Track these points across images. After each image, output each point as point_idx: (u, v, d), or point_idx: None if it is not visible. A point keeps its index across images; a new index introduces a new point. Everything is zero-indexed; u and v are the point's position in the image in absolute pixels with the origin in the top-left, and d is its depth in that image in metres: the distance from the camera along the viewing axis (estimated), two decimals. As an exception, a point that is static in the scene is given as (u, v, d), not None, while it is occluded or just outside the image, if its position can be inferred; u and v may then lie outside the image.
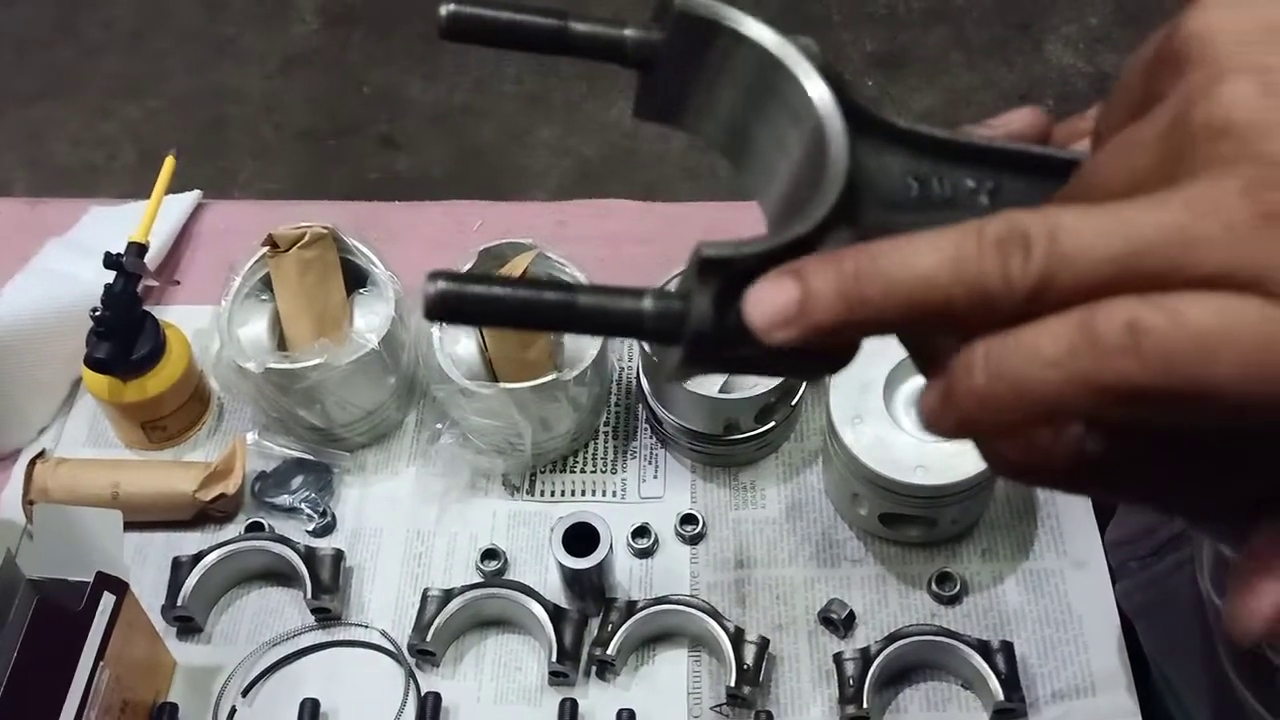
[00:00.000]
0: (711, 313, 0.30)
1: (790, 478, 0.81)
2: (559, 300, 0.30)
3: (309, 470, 0.82)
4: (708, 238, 0.34)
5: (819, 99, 0.34)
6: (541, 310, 0.30)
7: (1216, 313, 0.24)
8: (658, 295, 0.30)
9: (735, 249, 0.30)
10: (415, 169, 2.09)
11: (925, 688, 0.72)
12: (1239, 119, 0.26)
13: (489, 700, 0.73)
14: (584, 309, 0.30)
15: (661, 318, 0.30)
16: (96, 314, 0.77)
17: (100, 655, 0.64)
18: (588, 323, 0.30)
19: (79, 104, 2.23)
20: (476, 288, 0.29)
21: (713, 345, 0.30)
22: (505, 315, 0.30)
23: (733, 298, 0.30)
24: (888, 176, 0.35)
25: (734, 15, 0.35)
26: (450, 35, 0.34)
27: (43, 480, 0.78)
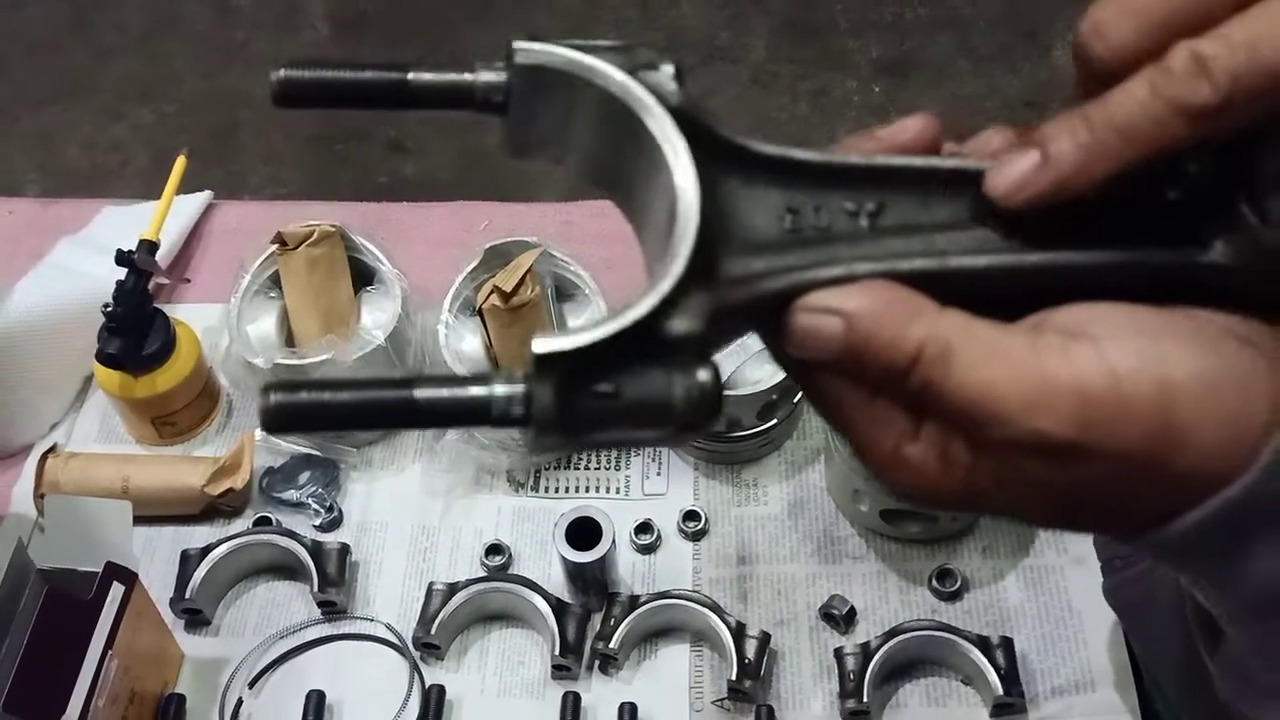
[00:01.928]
0: (553, 404, 0.30)
1: (792, 475, 0.82)
2: (396, 398, 0.30)
3: (316, 466, 0.82)
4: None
5: (669, 153, 0.33)
6: (382, 410, 0.30)
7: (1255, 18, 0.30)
8: (504, 380, 0.30)
9: (571, 341, 0.30)
10: (422, 173, 2.10)
11: (925, 683, 0.73)
12: None
13: (492, 693, 0.74)
14: (424, 404, 0.30)
15: (508, 404, 0.30)
16: (108, 310, 0.78)
17: (109, 644, 0.65)
18: (431, 416, 0.30)
19: (90, 107, 2.25)
20: (310, 395, 0.30)
21: (562, 430, 0.31)
22: (345, 419, 0.30)
23: (575, 385, 0.30)
24: (756, 213, 0.34)
25: (576, 60, 0.34)
26: (284, 102, 0.33)
27: (54, 474, 0.79)
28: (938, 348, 0.32)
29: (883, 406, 0.33)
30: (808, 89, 2.18)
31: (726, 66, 2.20)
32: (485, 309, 0.77)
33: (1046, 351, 0.31)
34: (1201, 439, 0.31)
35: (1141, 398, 0.31)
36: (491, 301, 0.76)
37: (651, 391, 0.31)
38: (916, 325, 0.32)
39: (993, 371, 0.31)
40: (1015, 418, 0.31)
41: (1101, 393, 0.31)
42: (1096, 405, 0.31)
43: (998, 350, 0.32)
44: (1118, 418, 0.31)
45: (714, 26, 2.26)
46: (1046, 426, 0.31)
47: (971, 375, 0.31)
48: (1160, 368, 0.31)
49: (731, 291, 0.33)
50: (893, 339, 0.32)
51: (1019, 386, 0.31)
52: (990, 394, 0.31)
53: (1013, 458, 0.32)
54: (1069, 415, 0.31)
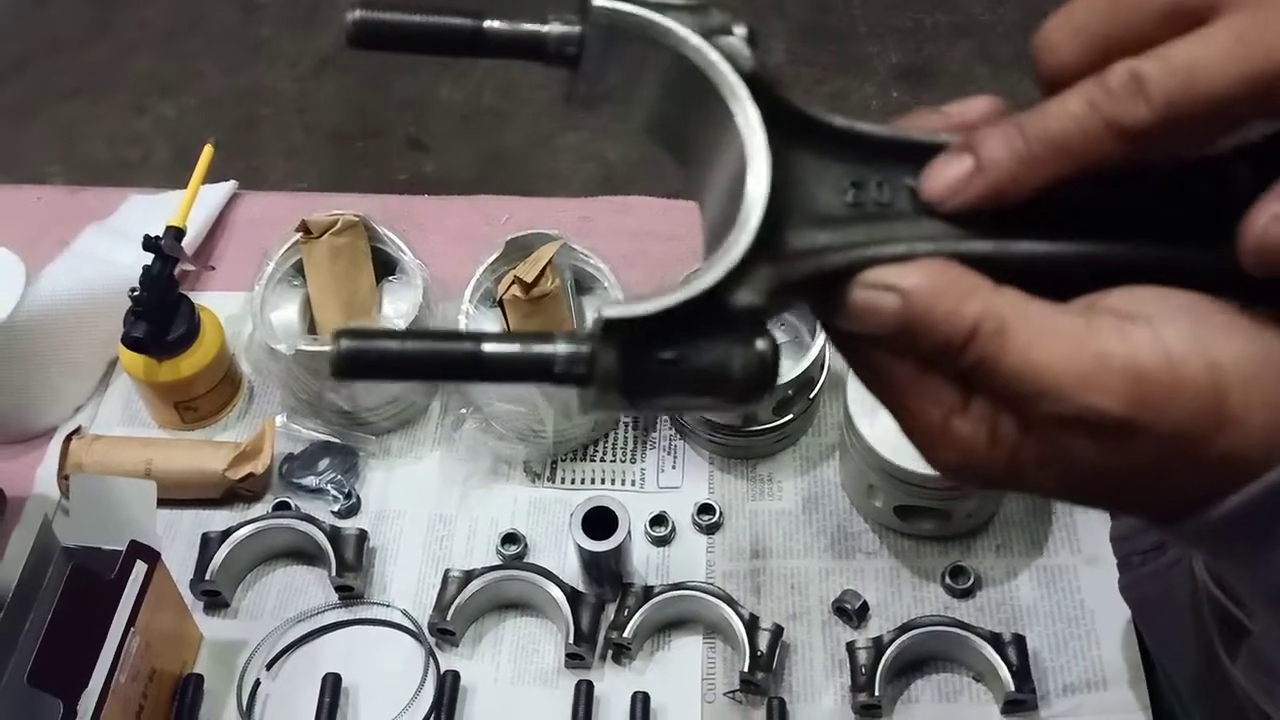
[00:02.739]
0: (617, 367, 0.31)
1: (807, 470, 0.83)
2: (466, 351, 0.30)
3: (335, 453, 0.83)
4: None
5: (742, 121, 0.33)
6: (449, 361, 0.30)
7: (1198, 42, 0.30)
8: (568, 340, 0.31)
9: (640, 309, 0.31)
10: (442, 170, 2.11)
11: (937, 679, 0.73)
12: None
13: (506, 680, 0.75)
14: (491, 358, 0.30)
15: (571, 363, 0.31)
16: (134, 294, 0.79)
17: (131, 622, 0.66)
18: (497, 371, 0.31)
19: (113, 102, 2.27)
20: (381, 343, 0.30)
21: (623, 392, 0.31)
22: (413, 368, 0.30)
23: (638, 350, 0.31)
24: (821, 186, 0.34)
25: (654, 21, 0.34)
26: (358, 43, 0.33)
27: (78, 456, 0.80)
28: (994, 324, 0.32)
29: (933, 381, 0.34)
30: (826, 92, 2.18)
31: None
32: (506, 300, 0.78)
33: (1101, 331, 0.32)
34: (1248, 422, 0.32)
35: (1194, 379, 0.31)
36: (512, 292, 0.77)
37: (712, 360, 0.31)
38: (972, 302, 0.32)
39: (1048, 348, 0.32)
40: (1069, 393, 0.31)
41: (1156, 372, 0.31)
42: (1150, 384, 0.31)
43: (1053, 328, 0.32)
44: (1170, 397, 0.31)
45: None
46: (1100, 402, 0.31)
47: (1026, 352, 0.32)
48: (1213, 350, 0.32)
49: (794, 265, 0.33)
50: (949, 314, 0.32)
51: (1074, 363, 0.31)
52: (1045, 370, 0.32)
53: (1062, 435, 0.32)
54: (1123, 392, 0.31)
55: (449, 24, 0.33)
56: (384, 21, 0.33)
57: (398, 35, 0.33)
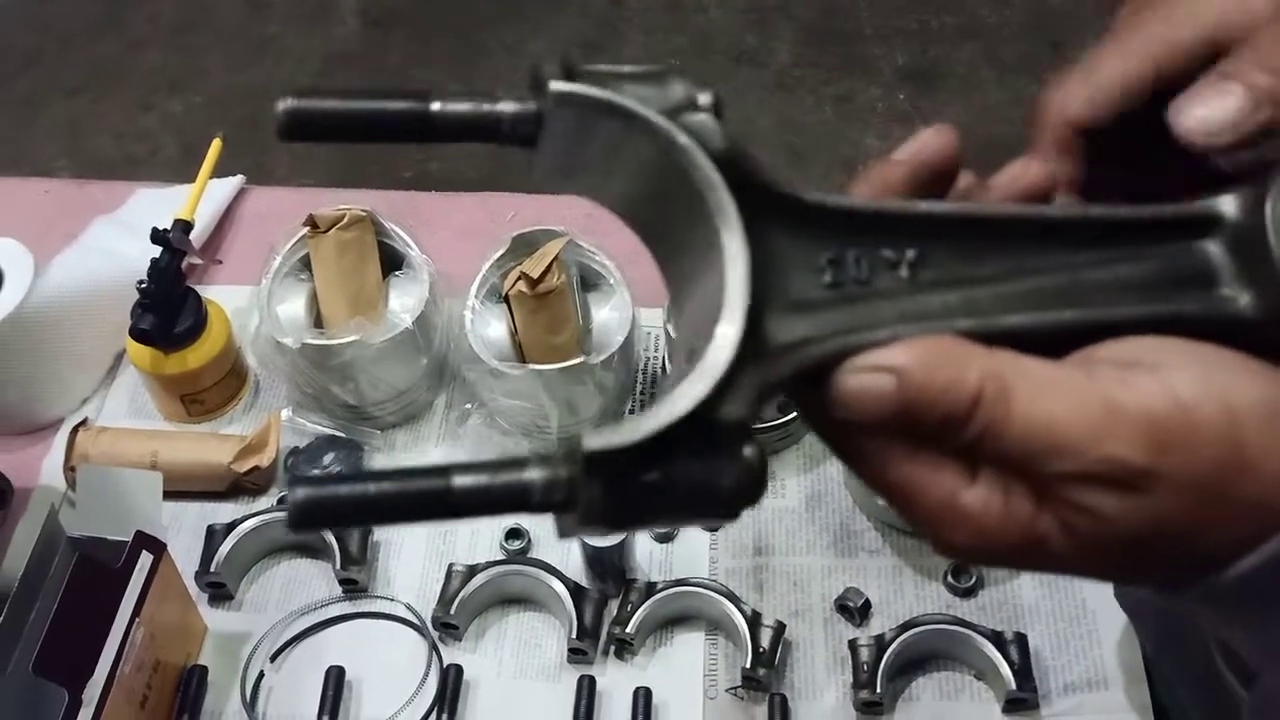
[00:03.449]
0: (601, 497, 0.29)
1: (810, 468, 0.83)
2: (433, 488, 0.28)
3: (340, 447, 0.84)
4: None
5: (721, 224, 0.31)
6: (417, 502, 0.28)
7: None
8: (542, 466, 0.29)
9: (623, 438, 0.29)
10: (448, 170, 2.12)
11: (939, 677, 0.73)
12: None
13: (509, 675, 0.75)
14: (461, 493, 0.28)
15: (549, 491, 0.29)
16: (142, 286, 0.79)
17: (136, 612, 0.66)
18: (469, 506, 0.28)
19: (121, 97, 2.28)
20: (340, 489, 0.27)
21: (608, 522, 0.30)
22: (378, 514, 0.28)
23: (622, 477, 0.29)
24: (798, 268, 0.33)
25: (611, 100, 0.32)
26: (290, 135, 0.30)
27: (84, 447, 0.81)
28: (996, 386, 0.31)
29: (933, 459, 0.32)
30: (832, 94, 2.18)
31: (752, 70, 2.21)
32: (512, 295, 0.78)
33: (1106, 382, 0.31)
34: (1268, 466, 0.31)
35: (1210, 424, 0.31)
36: (518, 288, 0.77)
37: (700, 479, 0.30)
38: (971, 368, 0.31)
39: (1054, 404, 0.31)
40: (1084, 447, 0.30)
41: (1169, 418, 0.30)
42: (1166, 430, 0.30)
43: (1055, 383, 0.31)
44: (1188, 443, 0.30)
45: (740, 31, 2.27)
46: (1118, 452, 0.30)
47: (1033, 409, 0.31)
48: (1225, 394, 0.31)
49: (777, 363, 0.32)
50: (950, 385, 0.31)
51: (1084, 416, 0.30)
52: (1055, 426, 0.30)
53: (1081, 494, 0.31)
54: (1140, 440, 0.30)
55: (392, 109, 0.31)
56: (319, 110, 0.30)
57: (335, 124, 0.31)
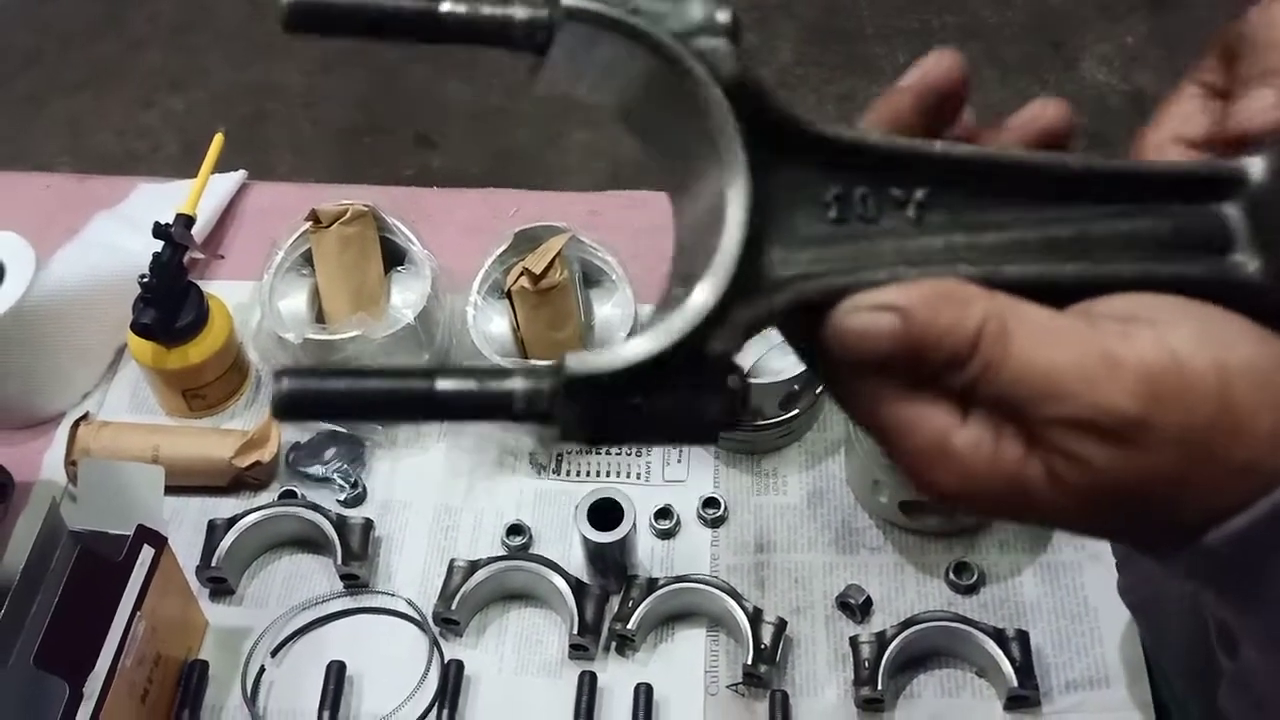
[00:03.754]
0: (582, 413, 0.29)
1: (812, 465, 0.83)
2: (418, 390, 0.28)
3: (342, 442, 0.84)
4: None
5: (725, 149, 0.31)
6: (400, 400, 0.28)
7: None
8: (526, 377, 0.29)
9: (606, 363, 0.29)
10: (449, 167, 2.12)
11: (940, 674, 0.73)
12: None
13: (510, 671, 0.75)
14: (444, 396, 0.28)
15: (530, 401, 0.29)
16: (144, 280, 0.79)
17: (138, 605, 0.66)
18: (452, 409, 0.29)
19: (122, 95, 2.27)
20: (326, 383, 0.28)
21: (587, 439, 0.30)
22: (361, 408, 0.28)
23: (604, 398, 0.29)
24: (803, 201, 0.33)
25: (624, 20, 0.31)
26: (292, 26, 0.30)
27: (85, 442, 0.81)
28: (996, 326, 0.31)
29: (926, 400, 0.33)
30: (834, 92, 2.18)
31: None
32: (514, 291, 0.78)
33: (1106, 334, 0.31)
34: (1257, 426, 0.31)
35: (1203, 381, 0.31)
36: (521, 284, 0.77)
37: (682, 406, 0.30)
38: (973, 309, 0.31)
39: (1053, 350, 0.31)
40: (1079, 393, 0.31)
41: (1164, 372, 0.31)
42: (1161, 384, 0.31)
43: (1055, 330, 0.31)
44: (1182, 398, 0.31)
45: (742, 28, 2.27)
46: (1112, 401, 0.30)
47: (1031, 353, 0.31)
48: (1220, 353, 0.31)
49: (771, 297, 0.31)
50: (952, 325, 0.31)
51: (1081, 363, 0.31)
52: (1052, 371, 0.31)
53: (1071, 441, 0.31)
54: (1135, 391, 0.30)
55: (399, 4, 0.30)
56: (326, 1, 0.30)
57: (336, 17, 0.30)
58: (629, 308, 0.81)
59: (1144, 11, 2.30)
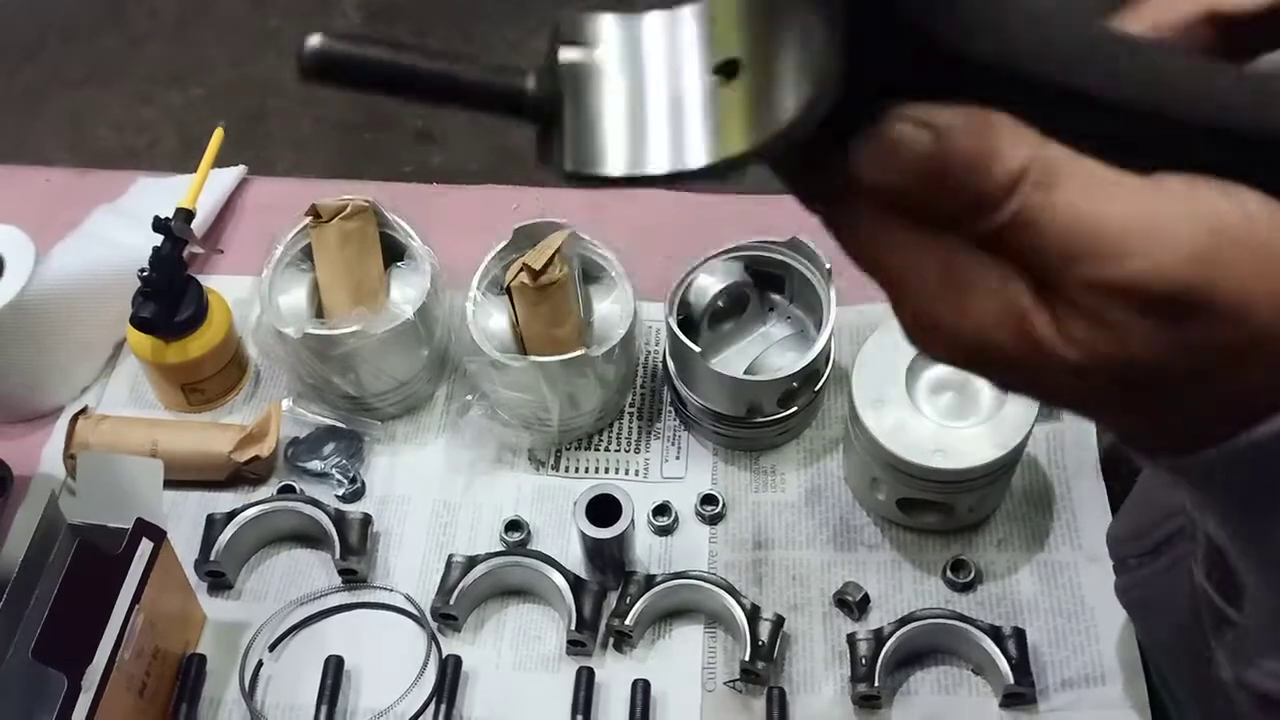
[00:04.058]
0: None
1: (810, 463, 0.83)
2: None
3: (341, 438, 0.84)
4: (738, 228, 0.32)
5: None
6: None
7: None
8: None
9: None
10: (450, 164, 2.12)
11: (937, 671, 0.73)
12: None
13: (508, 666, 0.75)
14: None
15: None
16: (144, 274, 0.79)
17: (136, 599, 0.66)
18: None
19: (121, 90, 2.27)
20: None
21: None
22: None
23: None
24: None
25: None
26: (313, 76, 0.30)
27: (84, 436, 0.81)
28: (1042, 172, 0.27)
29: (944, 244, 0.29)
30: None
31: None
32: (514, 287, 0.78)
33: (1169, 187, 0.27)
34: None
35: (1273, 237, 0.27)
36: (520, 279, 0.77)
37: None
38: (1019, 147, 0.27)
39: (1106, 201, 0.27)
40: (1132, 249, 0.26)
41: (1234, 229, 0.27)
42: (1228, 242, 0.26)
43: (1111, 182, 0.27)
44: (1251, 262, 0.27)
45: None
46: (1163, 264, 0.26)
47: (1081, 203, 0.27)
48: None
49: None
50: (991, 156, 0.27)
51: (1139, 218, 0.27)
52: (1102, 224, 0.27)
53: (1114, 311, 0.27)
54: (1197, 249, 0.26)
55: (417, 67, 0.30)
56: (346, 55, 0.30)
57: (358, 71, 0.30)
58: (628, 304, 0.81)
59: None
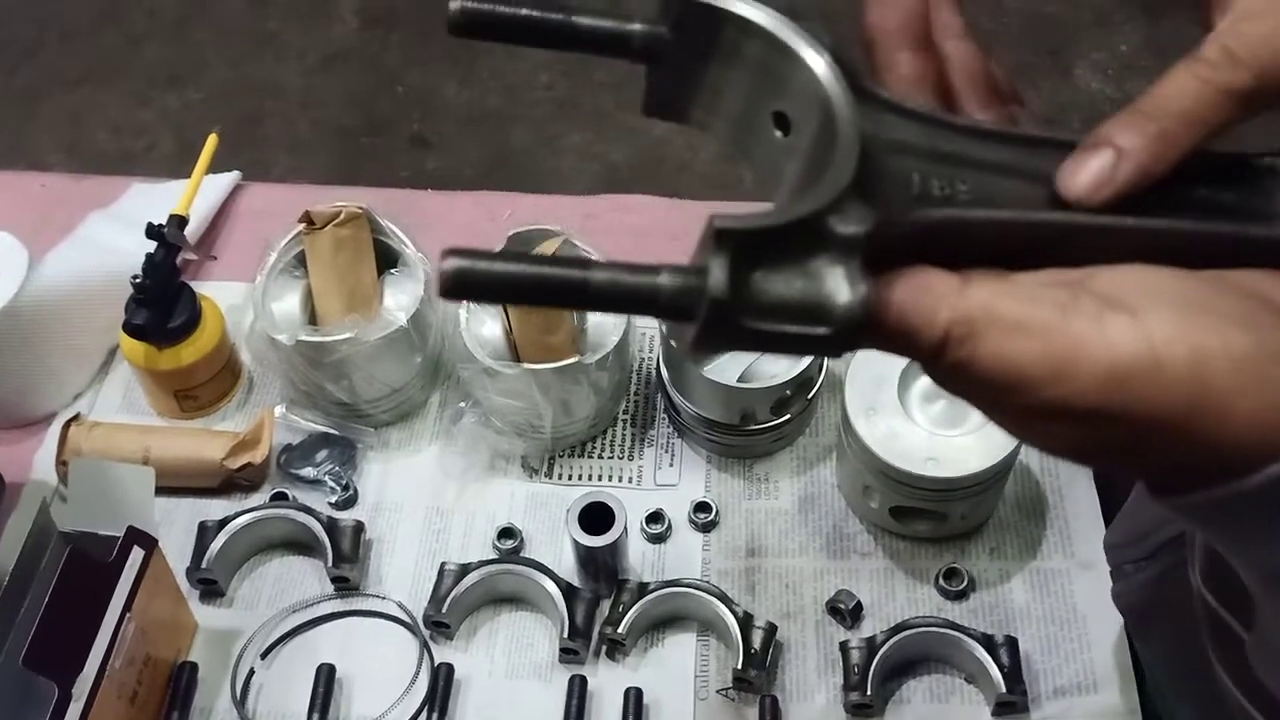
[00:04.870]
0: (727, 282, 0.30)
1: (804, 471, 0.83)
2: (574, 277, 0.30)
3: (334, 444, 0.84)
4: None
5: (824, 76, 0.34)
6: (556, 287, 0.30)
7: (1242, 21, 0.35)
8: (674, 270, 0.31)
9: (750, 223, 0.31)
10: (446, 169, 2.12)
11: (929, 680, 0.73)
12: None
13: (500, 674, 0.75)
14: (598, 286, 0.30)
15: (678, 293, 0.31)
16: (137, 281, 0.79)
17: (128, 607, 0.66)
18: (603, 299, 0.31)
19: (119, 91, 2.27)
20: (490, 264, 0.30)
21: (728, 317, 0.31)
22: (520, 292, 0.31)
23: (746, 269, 0.31)
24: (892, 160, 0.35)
25: (739, 3, 0.35)
26: (459, 30, 0.35)
27: (76, 442, 0.81)
28: (963, 329, 0.33)
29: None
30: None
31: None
32: (507, 294, 0.78)
33: (1079, 318, 0.32)
34: (1242, 411, 0.32)
35: (1176, 366, 0.31)
36: (513, 287, 0.77)
37: (812, 285, 0.32)
38: (942, 311, 0.33)
39: (1019, 345, 0.32)
40: (1041, 386, 0.32)
41: (1133, 360, 0.32)
42: (1128, 372, 0.32)
43: (1024, 322, 0.32)
44: (1150, 384, 0.32)
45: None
46: (1071, 394, 0.32)
47: (998, 350, 0.32)
48: (1199, 337, 0.32)
49: (890, 207, 0.33)
50: (920, 325, 0.33)
51: (1046, 356, 0.32)
52: (1016, 367, 0.32)
53: (1037, 422, 0.33)
54: (1097, 383, 0.32)
55: (541, 18, 0.36)
56: (485, 11, 0.35)
57: (495, 25, 0.35)
58: (622, 312, 0.81)
59: (1139, 20, 2.30)
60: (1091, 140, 0.35)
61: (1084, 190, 0.35)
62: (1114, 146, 0.35)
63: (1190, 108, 0.35)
